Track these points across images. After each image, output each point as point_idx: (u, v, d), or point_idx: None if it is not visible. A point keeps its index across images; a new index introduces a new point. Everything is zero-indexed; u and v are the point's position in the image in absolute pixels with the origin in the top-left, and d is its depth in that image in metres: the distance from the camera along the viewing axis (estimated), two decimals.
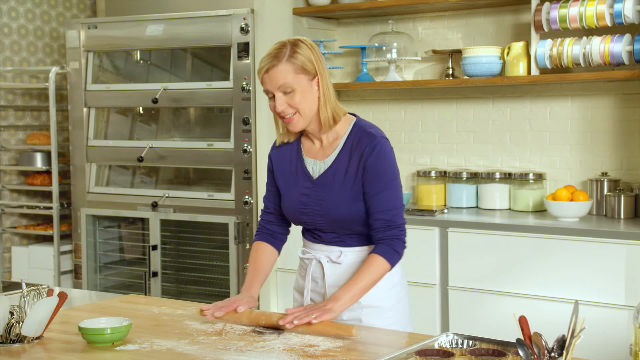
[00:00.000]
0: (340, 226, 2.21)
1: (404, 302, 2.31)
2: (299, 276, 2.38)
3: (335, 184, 2.19)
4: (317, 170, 2.23)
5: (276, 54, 2.10)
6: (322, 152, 2.23)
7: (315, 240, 2.29)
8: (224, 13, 3.97)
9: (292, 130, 2.19)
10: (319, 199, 2.20)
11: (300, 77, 2.10)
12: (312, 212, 2.22)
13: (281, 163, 2.30)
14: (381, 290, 2.22)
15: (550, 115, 3.86)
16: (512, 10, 3.91)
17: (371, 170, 2.15)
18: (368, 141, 2.16)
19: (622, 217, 3.49)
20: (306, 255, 2.31)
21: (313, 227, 2.26)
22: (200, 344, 1.97)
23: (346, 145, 2.20)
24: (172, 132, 4.52)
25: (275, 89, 2.10)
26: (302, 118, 2.14)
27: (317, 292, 2.29)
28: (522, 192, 3.76)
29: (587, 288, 3.18)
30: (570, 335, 1.62)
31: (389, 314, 2.24)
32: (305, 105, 2.13)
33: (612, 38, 3.41)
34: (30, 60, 4.77)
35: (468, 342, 1.88)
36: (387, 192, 2.16)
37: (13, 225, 4.76)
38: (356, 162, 2.17)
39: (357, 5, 3.99)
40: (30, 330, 2.00)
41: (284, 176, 2.29)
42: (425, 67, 4.18)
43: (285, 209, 2.31)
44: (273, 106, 2.14)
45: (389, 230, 2.17)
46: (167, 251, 4.29)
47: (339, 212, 2.18)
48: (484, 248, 3.43)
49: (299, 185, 2.24)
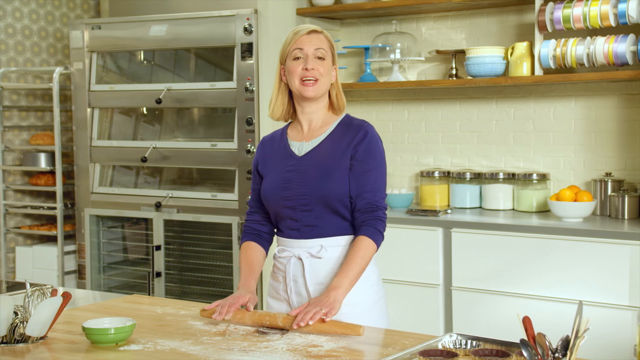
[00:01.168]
0: (323, 202, 2.21)
1: (382, 303, 2.32)
2: (273, 280, 2.35)
3: (321, 158, 2.25)
4: (302, 150, 2.29)
5: (316, 27, 2.31)
6: (309, 135, 2.31)
7: (293, 234, 2.26)
8: (228, 13, 3.97)
9: (306, 95, 2.25)
10: (304, 172, 2.24)
11: (329, 54, 2.29)
12: (296, 185, 2.24)
13: (267, 153, 2.36)
14: (360, 289, 2.23)
15: (554, 115, 3.85)
16: (516, 10, 3.90)
17: (362, 151, 2.23)
18: (360, 126, 2.28)
19: (626, 218, 3.48)
20: (284, 254, 2.28)
21: (292, 206, 2.24)
22: (204, 344, 1.97)
23: (336, 129, 2.29)
24: (175, 132, 4.53)
25: (313, 49, 2.25)
26: (319, 87, 2.26)
27: (297, 293, 2.26)
28: (525, 192, 3.76)
29: (591, 288, 3.18)
30: (574, 336, 1.61)
31: (369, 313, 2.25)
32: (326, 78, 2.27)
33: (616, 38, 3.40)
34: (34, 60, 4.78)
35: (471, 343, 1.88)
36: (375, 173, 2.24)
37: (17, 226, 4.76)
38: (346, 143, 2.24)
39: (360, 5, 3.99)
40: (34, 330, 2.00)
41: (267, 162, 2.34)
42: (429, 67, 4.18)
43: (265, 191, 2.30)
44: (296, 66, 2.24)
45: (373, 211, 2.22)
46: (171, 251, 4.29)
47: (323, 184, 2.21)
48: (488, 248, 3.42)
49: (283, 164, 2.29)
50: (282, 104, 2.32)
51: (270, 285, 2.36)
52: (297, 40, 2.25)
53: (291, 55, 2.25)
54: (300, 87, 2.24)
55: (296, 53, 2.25)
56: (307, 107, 2.30)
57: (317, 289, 2.23)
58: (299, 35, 2.26)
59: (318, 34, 2.27)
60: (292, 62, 2.25)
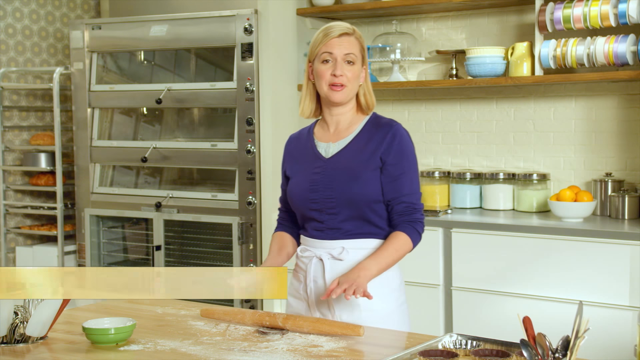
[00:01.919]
0: (349, 205, 2.19)
1: (403, 308, 2.29)
2: (294, 279, 2.34)
3: (349, 161, 2.21)
4: (329, 151, 2.26)
5: (348, 27, 2.23)
6: (336, 136, 2.27)
7: (317, 234, 2.25)
8: (228, 13, 3.97)
9: (335, 100, 2.21)
10: (331, 175, 2.21)
11: (359, 57, 2.23)
12: (323, 188, 2.21)
13: (294, 152, 2.34)
14: (381, 294, 2.20)
15: (554, 115, 3.85)
16: (516, 10, 3.90)
17: (394, 153, 2.20)
18: (389, 126, 2.24)
19: (626, 218, 3.48)
20: (306, 254, 2.27)
21: (318, 209, 2.22)
22: (204, 344, 1.97)
23: (364, 129, 2.25)
24: (175, 132, 4.53)
25: (342, 54, 2.19)
26: (347, 93, 2.22)
27: (317, 293, 2.25)
28: (526, 192, 3.76)
29: (591, 289, 3.18)
30: (574, 336, 1.61)
31: (389, 318, 2.22)
32: (354, 83, 2.23)
33: (617, 38, 3.40)
34: (35, 60, 4.78)
35: (472, 343, 1.88)
36: (410, 175, 2.22)
37: (17, 226, 4.76)
38: (375, 144, 2.21)
39: (360, 5, 3.99)
40: (34, 330, 2.00)
41: (295, 163, 2.31)
42: (429, 67, 4.18)
43: (292, 192, 2.28)
44: (324, 70, 2.20)
45: (413, 213, 2.21)
46: (171, 251, 4.29)
47: (350, 187, 2.18)
48: (488, 248, 3.42)
49: (310, 166, 2.26)
50: (311, 102, 2.29)
51: (291, 284, 2.35)
52: (327, 43, 2.19)
53: (320, 58, 2.21)
54: (328, 92, 2.21)
55: (325, 56, 2.20)
56: (334, 110, 2.27)
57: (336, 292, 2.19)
58: (329, 37, 2.19)
59: (349, 36, 2.21)
60: (321, 65, 2.21)
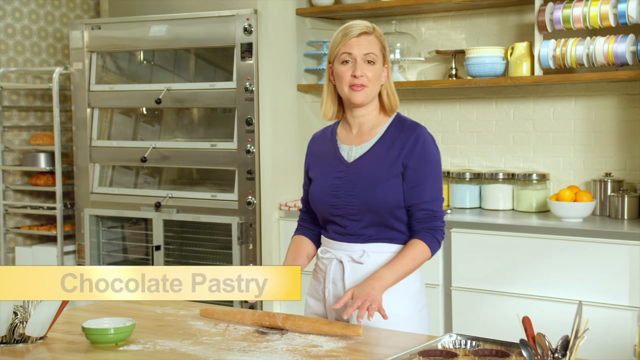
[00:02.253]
0: (371, 211, 2.15)
1: (423, 312, 2.26)
2: (313, 280, 2.32)
3: (371, 167, 2.17)
4: (352, 155, 2.22)
5: (367, 25, 2.18)
6: (359, 138, 2.23)
7: (338, 237, 2.22)
8: (228, 13, 3.97)
9: (356, 102, 2.17)
10: (352, 180, 2.18)
11: (380, 56, 2.18)
12: (344, 194, 2.18)
13: (317, 152, 2.31)
14: (401, 298, 2.18)
15: (554, 115, 3.85)
16: (516, 10, 3.90)
17: (416, 159, 2.16)
18: (413, 130, 2.19)
19: (625, 218, 3.48)
20: (326, 255, 2.24)
21: (340, 214, 2.20)
22: (204, 345, 1.97)
23: (387, 132, 2.21)
24: (175, 132, 4.53)
25: (361, 54, 2.14)
26: (368, 93, 2.17)
27: (335, 295, 2.22)
28: (525, 192, 3.76)
29: (591, 289, 3.18)
30: (573, 336, 1.61)
31: (408, 322, 2.18)
32: (375, 83, 2.18)
33: (616, 38, 3.40)
34: (34, 60, 4.78)
35: (471, 343, 1.88)
36: (431, 182, 2.17)
37: (17, 226, 4.76)
38: (398, 149, 2.16)
39: (360, 5, 3.99)
40: (34, 330, 2.00)
41: (317, 164, 2.29)
42: (429, 67, 4.18)
43: (313, 195, 2.25)
44: (344, 71, 2.16)
45: (432, 221, 2.16)
46: (171, 251, 4.29)
47: (372, 194, 2.15)
48: (487, 248, 3.42)
49: (332, 170, 2.23)
50: (332, 104, 2.25)
51: (311, 284, 2.33)
52: (346, 43, 2.14)
53: (339, 59, 2.16)
54: (349, 94, 2.17)
55: (344, 57, 2.15)
56: (356, 111, 2.22)
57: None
58: (348, 37, 2.14)
59: (368, 35, 2.16)
60: (340, 66, 2.16)
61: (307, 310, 2.32)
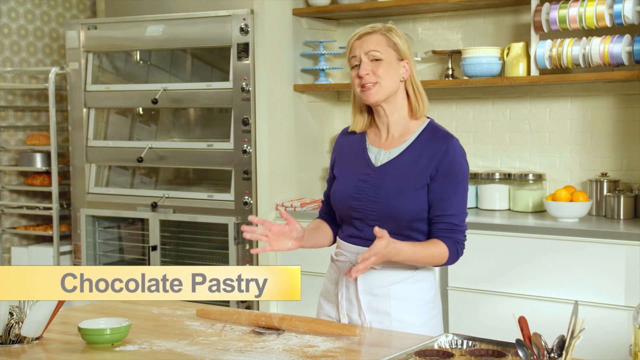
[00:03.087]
0: (391, 218, 2.12)
1: (437, 320, 2.23)
2: (327, 282, 2.29)
3: (397, 174, 2.14)
4: (380, 159, 2.18)
5: (372, 26, 2.18)
6: (389, 143, 2.19)
7: (352, 240, 2.19)
8: (224, 14, 3.97)
9: (368, 101, 2.15)
10: (377, 185, 2.14)
11: (389, 51, 2.14)
12: (366, 199, 2.14)
13: (345, 149, 2.27)
14: (413, 305, 2.17)
15: (550, 115, 3.86)
16: (512, 10, 3.91)
17: (445, 171, 2.12)
18: (444, 141, 2.14)
19: (621, 218, 3.48)
20: (340, 258, 2.21)
21: (360, 218, 2.16)
22: (200, 345, 1.97)
23: (418, 140, 2.16)
24: (171, 132, 4.52)
25: (364, 53, 2.13)
26: (380, 90, 2.13)
27: (348, 299, 2.20)
28: (521, 192, 3.76)
29: (587, 289, 3.18)
30: (569, 336, 1.62)
31: (419, 330, 2.15)
32: (387, 79, 2.13)
33: (612, 39, 3.41)
34: (30, 60, 4.77)
35: (467, 343, 1.88)
36: (458, 197, 2.14)
37: (13, 226, 4.76)
38: (427, 159, 2.12)
39: (356, 5, 3.99)
40: (29, 330, 2.00)
41: (343, 162, 2.25)
42: (425, 67, 4.18)
43: (335, 194, 2.22)
44: (353, 74, 2.15)
45: (455, 232, 2.14)
46: (167, 252, 4.29)
47: (394, 202, 2.11)
48: (484, 249, 3.42)
49: (358, 171, 2.19)
50: (361, 115, 2.23)
51: (324, 286, 2.30)
52: (350, 47, 2.16)
53: (350, 64, 2.17)
54: (361, 94, 2.15)
55: (352, 61, 2.15)
56: (380, 111, 2.18)
57: (368, 299, 2.15)
58: (350, 43, 2.17)
59: (370, 35, 2.14)
60: (352, 71, 2.17)
61: (320, 312, 2.29)
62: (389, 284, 2.15)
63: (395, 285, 2.16)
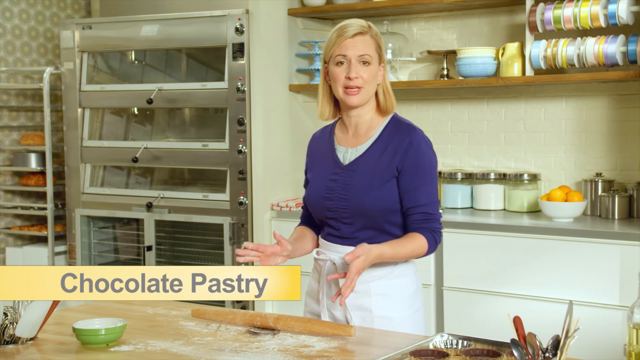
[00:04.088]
0: (363, 215, 2.15)
1: (419, 314, 2.24)
2: (312, 280, 2.31)
3: (365, 170, 2.16)
4: (347, 157, 2.21)
5: (362, 25, 2.14)
6: (355, 140, 2.22)
7: (332, 239, 2.22)
8: (219, 13, 3.96)
9: (351, 104, 2.15)
10: (346, 183, 2.16)
11: (375, 55, 2.15)
12: (337, 197, 2.17)
13: (315, 152, 2.31)
14: (394, 301, 2.18)
15: (545, 115, 3.86)
16: (507, 11, 3.91)
17: (412, 163, 2.13)
18: (407, 133, 2.16)
19: (616, 218, 3.49)
20: (321, 257, 2.24)
21: (334, 217, 2.19)
22: (195, 345, 1.97)
23: (382, 135, 2.18)
24: (167, 132, 4.52)
25: (356, 56, 2.12)
26: (364, 94, 2.14)
27: (330, 296, 2.22)
28: (516, 192, 3.77)
29: (582, 288, 3.19)
30: (564, 336, 1.62)
31: (403, 325, 2.17)
32: (371, 84, 2.15)
33: (607, 39, 3.42)
34: (25, 60, 4.76)
35: (462, 343, 1.89)
36: (427, 186, 2.15)
37: (7, 226, 4.74)
38: (391, 152, 2.14)
39: (352, 5, 3.99)
40: (24, 331, 1.99)
41: (315, 165, 2.29)
42: (420, 67, 4.18)
43: (309, 196, 2.26)
44: (339, 73, 2.13)
45: (430, 222, 2.15)
46: (162, 252, 4.29)
47: (365, 198, 2.13)
48: (479, 248, 3.43)
49: (328, 172, 2.22)
50: (329, 104, 2.23)
51: (309, 284, 2.33)
52: (340, 44, 2.11)
53: (334, 60, 2.14)
54: (343, 96, 2.14)
55: (339, 58, 2.12)
56: (351, 112, 2.20)
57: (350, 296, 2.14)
58: (343, 38, 2.11)
59: (363, 35, 2.12)
60: (335, 67, 2.14)
61: (306, 309, 2.32)
62: (369, 280, 2.17)
63: (376, 281, 2.18)
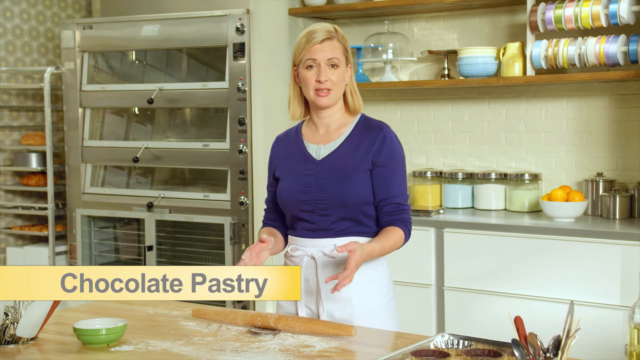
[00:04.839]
0: (341, 206, 2.21)
1: (392, 303, 2.33)
2: None
3: (340, 163, 2.24)
4: (320, 153, 2.28)
5: (329, 30, 2.24)
6: (327, 137, 2.29)
7: (308, 233, 2.25)
8: (220, 13, 3.96)
9: (322, 105, 2.24)
10: (323, 177, 2.23)
11: (342, 58, 2.25)
12: (315, 190, 2.23)
13: (283, 152, 2.35)
14: (372, 289, 2.25)
15: (546, 115, 3.86)
16: (508, 10, 3.91)
17: (384, 156, 2.23)
18: (380, 129, 2.27)
19: (617, 218, 3.49)
20: (296, 253, 2.27)
21: (309, 210, 2.23)
22: (196, 345, 1.97)
23: (354, 132, 2.28)
24: (167, 132, 4.52)
25: (325, 60, 2.21)
26: (333, 96, 2.24)
27: (308, 292, 2.25)
28: (517, 192, 3.77)
29: (583, 288, 3.19)
30: (565, 336, 1.62)
31: (381, 313, 2.25)
32: (340, 84, 2.25)
33: (607, 39, 3.41)
34: (25, 60, 4.76)
35: (464, 343, 1.88)
36: (398, 177, 2.25)
37: (8, 226, 4.75)
38: (366, 146, 2.24)
39: (352, 5, 3.99)
40: (25, 331, 1.99)
41: (284, 164, 2.33)
42: (421, 67, 4.18)
43: (282, 194, 2.29)
44: (309, 76, 2.22)
45: (402, 213, 2.24)
46: (163, 252, 4.29)
47: (342, 187, 2.21)
48: (480, 248, 3.43)
49: (302, 168, 2.27)
50: (300, 105, 2.31)
51: None
52: (309, 49, 2.21)
53: (304, 64, 2.22)
54: (315, 98, 2.23)
55: (309, 62, 2.22)
56: (322, 112, 2.29)
57: (328, 289, 2.19)
58: (312, 44, 2.21)
59: (331, 40, 2.22)
60: (305, 70, 2.22)
61: (279, 310, 2.33)
62: None
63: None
